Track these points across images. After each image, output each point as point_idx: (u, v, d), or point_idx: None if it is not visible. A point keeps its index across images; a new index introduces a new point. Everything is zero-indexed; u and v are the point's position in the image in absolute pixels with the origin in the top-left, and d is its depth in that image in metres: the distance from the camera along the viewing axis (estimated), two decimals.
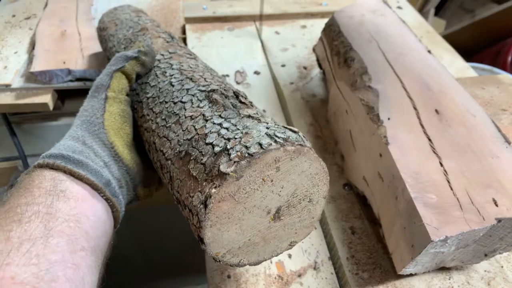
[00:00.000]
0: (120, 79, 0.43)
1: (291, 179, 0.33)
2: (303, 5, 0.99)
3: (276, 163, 0.31)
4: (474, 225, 0.37)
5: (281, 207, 0.34)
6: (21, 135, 0.77)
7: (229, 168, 0.29)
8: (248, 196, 0.32)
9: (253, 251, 0.37)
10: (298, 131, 0.34)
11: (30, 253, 0.27)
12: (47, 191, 0.31)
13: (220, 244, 0.34)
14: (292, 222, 0.36)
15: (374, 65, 0.54)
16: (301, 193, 0.34)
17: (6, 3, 0.95)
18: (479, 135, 0.45)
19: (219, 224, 0.32)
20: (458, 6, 1.79)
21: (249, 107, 0.37)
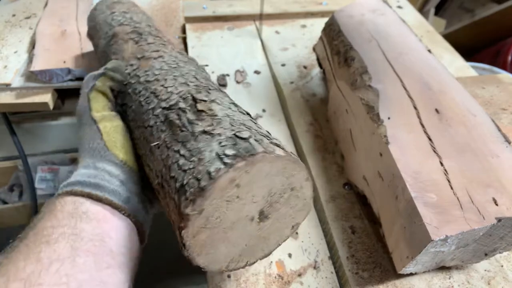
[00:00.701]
0: (97, 99, 0.43)
1: (257, 186, 0.32)
2: (303, 5, 0.99)
3: (233, 183, 0.30)
4: (474, 224, 0.37)
5: (263, 209, 0.34)
6: (21, 134, 0.77)
7: (187, 208, 0.29)
8: (221, 220, 0.32)
9: (255, 250, 0.37)
10: (248, 137, 0.31)
11: (60, 273, 0.28)
12: (70, 214, 0.33)
13: (218, 261, 0.35)
14: (283, 213, 0.36)
15: (374, 65, 0.54)
16: (278, 189, 0.33)
17: (6, 2, 0.95)
18: (479, 135, 0.45)
19: (205, 250, 0.33)
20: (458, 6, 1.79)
21: (206, 116, 0.35)
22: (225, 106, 0.36)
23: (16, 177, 0.86)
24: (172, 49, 0.51)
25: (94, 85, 0.43)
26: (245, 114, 0.38)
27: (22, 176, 0.82)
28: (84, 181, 0.36)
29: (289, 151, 0.32)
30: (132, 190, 0.39)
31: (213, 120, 0.34)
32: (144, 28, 0.55)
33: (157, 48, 0.49)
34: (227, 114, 0.35)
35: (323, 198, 0.53)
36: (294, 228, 0.38)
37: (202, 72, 0.47)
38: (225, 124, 0.33)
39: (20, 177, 0.85)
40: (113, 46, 0.54)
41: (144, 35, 0.52)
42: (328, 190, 0.55)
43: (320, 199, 0.54)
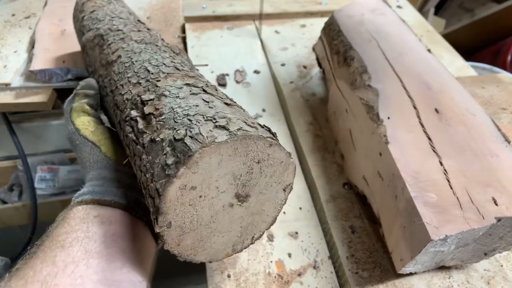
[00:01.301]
0: (80, 118, 0.44)
1: (215, 178, 0.30)
2: (302, 4, 0.99)
3: (185, 188, 0.29)
4: (474, 224, 0.37)
5: (237, 192, 0.33)
6: (21, 134, 0.77)
7: (156, 227, 0.30)
8: (196, 221, 0.32)
9: (255, 224, 0.36)
10: (183, 137, 0.29)
11: (75, 274, 0.30)
12: (82, 220, 0.34)
13: (219, 251, 0.35)
14: (264, 184, 0.34)
15: (374, 64, 0.54)
16: (241, 169, 0.31)
17: (6, 2, 0.95)
18: (479, 134, 0.45)
19: (199, 249, 0.33)
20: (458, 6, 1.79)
21: (153, 119, 0.33)
22: (173, 94, 0.35)
23: (16, 177, 0.86)
24: (133, 35, 0.49)
25: (72, 108, 0.45)
26: (198, 92, 0.36)
27: (22, 175, 0.82)
28: (93, 190, 0.37)
29: (235, 127, 0.30)
30: (141, 192, 0.40)
31: (158, 123, 0.33)
32: (105, 25, 0.53)
33: (116, 46, 0.48)
34: (172, 108, 0.33)
35: (323, 198, 0.53)
36: (287, 190, 0.36)
37: (160, 52, 0.45)
38: (169, 123, 0.32)
39: (20, 177, 0.85)
40: (86, 59, 0.54)
41: (105, 35, 0.51)
42: (328, 189, 0.55)
43: (320, 199, 0.54)
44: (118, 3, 0.61)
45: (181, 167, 0.28)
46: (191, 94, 0.35)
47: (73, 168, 0.85)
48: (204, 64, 0.79)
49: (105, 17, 0.55)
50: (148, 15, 0.93)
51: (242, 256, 0.48)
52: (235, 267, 0.46)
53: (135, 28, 0.52)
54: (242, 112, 0.35)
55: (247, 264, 0.47)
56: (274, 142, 0.32)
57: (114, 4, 0.60)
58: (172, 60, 0.43)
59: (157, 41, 0.48)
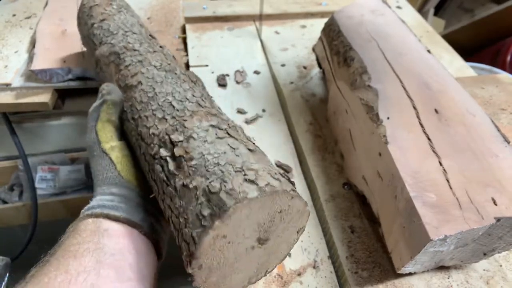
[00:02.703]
0: (104, 130, 0.45)
1: (243, 227, 0.33)
2: (302, 5, 1.00)
3: (217, 237, 0.31)
4: (473, 224, 0.37)
5: (259, 236, 0.35)
6: (22, 134, 0.77)
7: (187, 268, 0.33)
8: (223, 263, 0.34)
9: (269, 261, 0.39)
10: (219, 190, 0.32)
11: (86, 282, 0.32)
12: (92, 232, 0.36)
13: (238, 284, 0.38)
14: (282, 228, 0.37)
15: (374, 65, 0.54)
16: (265, 219, 0.34)
17: (7, 2, 0.95)
18: (479, 135, 0.45)
19: (221, 284, 0.36)
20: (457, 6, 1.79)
21: (183, 162, 0.35)
22: (201, 137, 0.37)
23: (16, 177, 0.86)
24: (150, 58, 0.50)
25: (99, 116, 0.45)
26: (223, 136, 0.37)
27: (22, 175, 0.82)
28: (103, 204, 0.39)
29: (264, 182, 0.32)
30: (147, 212, 0.41)
31: (190, 169, 0.34)
32: (120, 42, 0.53)
33: (135, 70, 0.48)
34: (202, 153, 0.35)
35: (322, 198, 0.54)
36: (300, 232, 0.39)
37: (180, 82, 0.46)
38: (201, 171, 0.34)
39: (20, 177, 0.85)
40: (100, 74, 0.54)
41: (121, 54, 0.51)
42: (328, 189, 0.55)
43: (319, 199, 0.54)
44: (128, 12, 0.61)
45: (217, 220, 0.30)
46: (217, 138, 0.37)
47: (74, 168, 0.85)
48: (204, 65, 0.79)
49: (118, 30, 0.55)
50: (149, 16, 0.93)
51: None
52: None
53: (150, 48, 0.52)
54: (265, 160, 0.37)
55: None
56: (295, 194, 0.34)
57: (124, 13, 0.60)
58: (193, 94, 0.44)
59: (175, 69, 0.49)
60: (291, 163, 0.60)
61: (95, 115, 0.46)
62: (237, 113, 0.68)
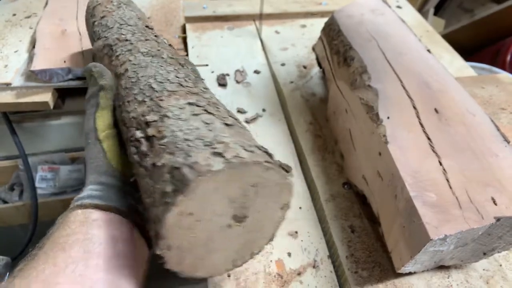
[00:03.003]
0: (103, 117, 0.44)
1: (212, 203, 0.31)
2: (303, 5, 1.00)
3: (183, 214, 0.30)
4: (473, 223, 0.37)
5: (235, 214, 0.33)
6: (22, 134, 0.77)
7: (156, 249, 0.31)
8: (195, 243, 0.32)
9: (254, 241, 0.37)
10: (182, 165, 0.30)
11: (75, 273, 0.31)
12: (81, 223, 0.36)
13: (219, 267, 0.36)
14: (262, 204, 0.34)
15: (374, 64, 0.54)
16: (237, 193, 0.32)
17: (7, 2, 0.95)
18: (478, 134, 0.45)
19: (198, 267, 0.34)
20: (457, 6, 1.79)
21: (156, 142, 0.34)
22: (175, 115, 0.35)
23: (17, 177, 0.86)
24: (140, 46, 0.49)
25: (99, 103, 0.45)
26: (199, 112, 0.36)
27: (23, 175, 0.82)
28: (92, 194, 0.39)
29: (232, 154, 0.30)
30: (136, 200, 0.41)
31: (160, 147, 0.33)
32: (114, 34, 0.52)
33: (124, 59, 0.47)
34: (173, 131, 0.34)
35: (322, 198, 0.54)
36: (284, 208, 0.37)
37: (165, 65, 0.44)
38: (170, 148, 0.32)
39: (21, 177, 0.85)
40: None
41: (114, 45, 0.51)
42: (328, 189, 0.55)
43: (319, 199, 0.54)
44: (128, 7, 0.60)
45: (179, 195, 0.29)
46: (192, 115, 0.35)
47: (74, 168, 0.85)
48: (204, 64, 0.79)
49: (114, 24, 0.54)
50: (149, 15, 0.93)
51: None
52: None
53: (143, 37, 0.51)
54: (242, 133, 0.35)
55: (247, 264, 0.47)
56: (270, 166, 0.32)
57: (123, 9, 0.59)
58: (176, 75, 0.42)
59: (163, 53, 0.47)
60: (291, 162, 0.60)
61: (93, 101, 0.45)
62: (237, 112, 0.68)
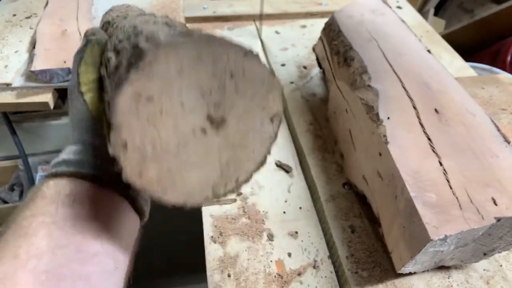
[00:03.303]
0: (86, 72, 0.40)
1: (177, 90, 0.26)
2: (303, 5, 1.00)
3: (139, 98, 0.24)
4: (474, 224, 0.37)
5: (210, 114, 0.28)
6: (22, 134, 0.77)
7: (109, 148, 0.25)
8: (159, 146, 0.27)
9: (239, 162, 0.31)
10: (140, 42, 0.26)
11: (38, 270, 0.26)
12: (51, 200, 0.30)
13: (196, 192, 0.30)
14: (243, 107, 0.29)
15: (374, 65, 0.54)
16: (209, 83, 0.27)
17: (7, 2, 0.95)
18: (479, 135, 0.45)
19: (168, 186, 0.28)
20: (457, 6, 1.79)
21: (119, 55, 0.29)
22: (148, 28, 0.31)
23: (17, 177, 0.87)
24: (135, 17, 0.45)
25: (82, 57, 0.40)
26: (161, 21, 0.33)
27: (23, 175, 0.82)
28: (69, 159, 0.33)
29: (199, 32, 0.25)
30: None
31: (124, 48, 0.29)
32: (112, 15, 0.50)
33: (118, 25, 0.44)
34: (136, 26, 0.31)
35: (322, 198, 0.54)
36: (275, 121, 0.31)
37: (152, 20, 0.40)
38: (131, 40, 0.29)
39: (21, 177, 0.85)
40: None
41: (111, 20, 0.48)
42: (328, 189, 0.55)
43: (320, 199, 0.54)
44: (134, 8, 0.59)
45: (133, 70, 0.24)
46: (155, 23, 0.32)
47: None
48: None
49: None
50: None
51: (242, 256, 0.48)
52: (235, 267, 0.47)
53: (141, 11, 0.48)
54: None
55: (247, 264, 0.47)
56: (248, 51, 0.27)
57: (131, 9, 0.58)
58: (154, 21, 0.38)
59: (154, 15, 0.43)
60: (291, 163, 0.60)
61: (78, 57, 0.40)
62: None
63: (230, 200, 0.54)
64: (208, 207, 0.53)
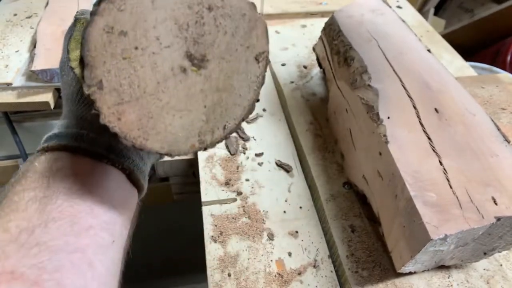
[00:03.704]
0: (76, 49, 0.39)
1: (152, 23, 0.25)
2: (303, 5, 1.00)
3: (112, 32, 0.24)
4: (474, 223, 0.37)
5: (189, 51, 0.27)
6: (22, 133, 0.77)
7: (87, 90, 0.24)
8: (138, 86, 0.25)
9: (226, 108, 0.30)
10: None
11: (30, 243, 0.25)
12: (42, 174, 0.29)
13: (181, 139, 0.28)
14: (225, 45, 0.28)
15: (374, 64, 0.54)
16: (186, 16, 0.26)
17: (8, 2, 0.95)
18: (479, 134, 0.45)
19: (150, 131, 0.26)
20: (457, 6, 1.79)
21: None
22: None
23: None
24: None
25: (72, 35, 0.39)
26: None
27: None
28: (61, 132, 0.32)
29: None
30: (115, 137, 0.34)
31: None
32: None
33: None
34: None
35: (323, 197, 0.54)
36: (261, 60, 0.30)
37: None
38: None
39: None
40: None
41: None
42: (328, 189, 0.55)
43: (320, 198, 0.54)
44: None
45: (103, 1, 0.23)
46: None
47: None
48: None
49: None
50: None
51: (242, 255, 0.48)
52: (235, 266, 0.47)
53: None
54: None
55: (248, 263, 0.47)
56: None
57: None
58: None
59: None
60: (291, 162, 0.60)
61: (68, 35, 0.40)
62: None
63: (230, 199, 0.55)
64: (209, 206, 0.53)
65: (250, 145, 0.63)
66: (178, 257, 1.12)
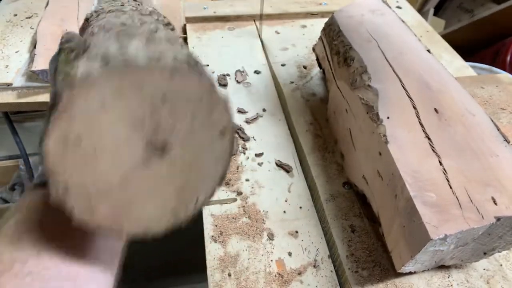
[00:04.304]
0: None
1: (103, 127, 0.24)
2: (303, 5, 1.00)
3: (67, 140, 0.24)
4: (473, 223, 0.37)
5: (149, 142, 0.26)
6: (23, 133, 0.78)
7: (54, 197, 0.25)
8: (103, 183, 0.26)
9: (197, 182, 0.29)
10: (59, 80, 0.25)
11: (23, 273, 0.26)
12: (35, 209, 0.30)
13: (155, 220, 0.29)
14: (186, 128, 0.27)
15: (374, 65, 0.54)
16: (141, 112, 0.25)
17: (8, 2, 0.95)
18: (478, 134, 0.45)
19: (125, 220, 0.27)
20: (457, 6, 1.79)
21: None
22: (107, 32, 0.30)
23: (18, 176, 0.87)
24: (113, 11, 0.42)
25: (56, 68, 0.38)
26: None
27: (24, 175, 0.82)
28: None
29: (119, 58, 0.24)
30: None
31: None
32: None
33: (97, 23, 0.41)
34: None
35: (323, 197, 0.54)
36: (226, 134, 0.29)
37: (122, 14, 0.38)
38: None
39: (22, 176, 0.85)
40: None
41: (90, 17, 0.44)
42: (328, 189, 0.55)
43: (320, 198, 0.54)
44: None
45: (52, 115, 0.23)
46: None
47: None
48: (205, 65, 0.79)
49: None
50: None
51: (242, 255, 0.48)
52: (235, 266, 0.47)
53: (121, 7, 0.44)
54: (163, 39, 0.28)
55: (248, 263, 0.47)
56: (177, 70, 0.24)
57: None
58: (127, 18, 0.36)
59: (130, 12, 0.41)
60: (291, 162, 0.60)
61: (52, 67, 0.38)
62: (238, 112, 0.68)
63: (230, 200, 0.55)
64: (209, 206, 0.54)
65: (250, 145, 0.63)
66: (178, 257, 1.12)
